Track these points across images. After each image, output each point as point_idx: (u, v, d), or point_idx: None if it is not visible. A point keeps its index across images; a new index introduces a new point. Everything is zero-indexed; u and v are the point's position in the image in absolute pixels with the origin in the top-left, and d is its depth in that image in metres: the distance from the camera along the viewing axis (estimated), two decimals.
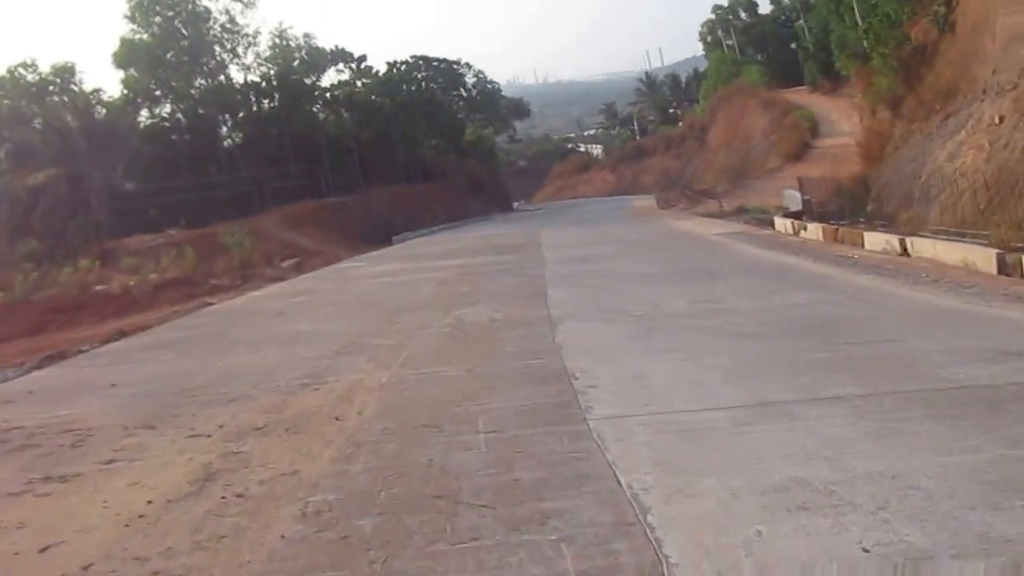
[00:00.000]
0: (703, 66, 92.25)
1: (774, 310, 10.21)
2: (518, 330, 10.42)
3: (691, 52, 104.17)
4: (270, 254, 33.18)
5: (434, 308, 12.98)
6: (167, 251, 30.57)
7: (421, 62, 62.53)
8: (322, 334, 11.52)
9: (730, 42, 74.44)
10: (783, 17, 74.01)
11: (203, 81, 42.77)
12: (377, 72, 55.02)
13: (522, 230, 33.24)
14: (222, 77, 43.32)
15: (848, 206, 30.91)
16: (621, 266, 16.68)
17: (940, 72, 26.55)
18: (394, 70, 59.26)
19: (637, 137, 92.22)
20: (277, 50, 44.44)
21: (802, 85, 63.97)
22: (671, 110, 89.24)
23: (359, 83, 53.26)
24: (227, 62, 42.94)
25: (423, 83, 59.66)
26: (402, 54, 60.77)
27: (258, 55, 43.78)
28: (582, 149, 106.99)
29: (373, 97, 53.86)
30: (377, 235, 41.04)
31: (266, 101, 45.95)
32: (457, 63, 64.17)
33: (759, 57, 72.70)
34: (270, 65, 44.60)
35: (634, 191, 79.71)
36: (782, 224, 24.60)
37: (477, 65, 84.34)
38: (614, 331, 9.73)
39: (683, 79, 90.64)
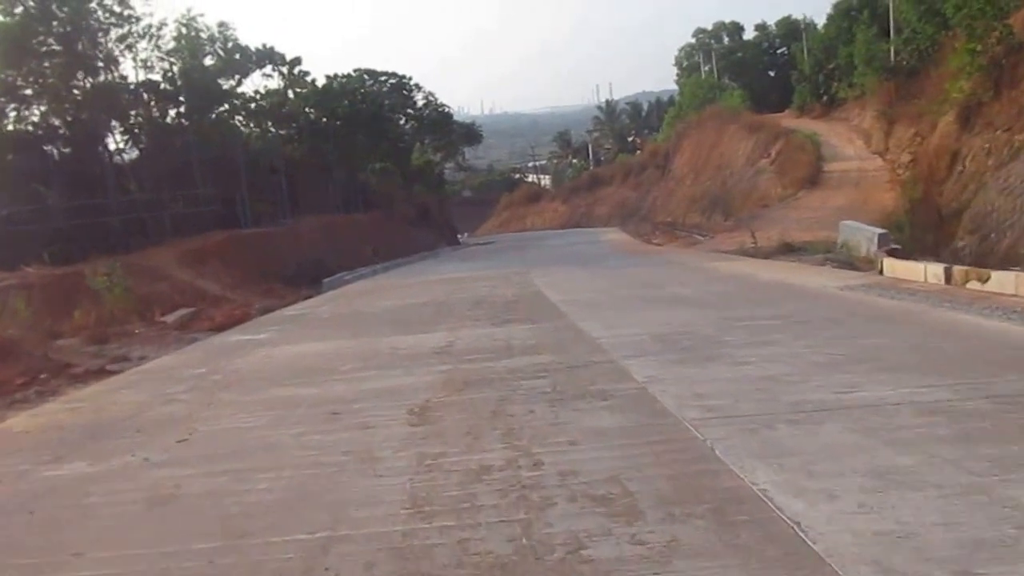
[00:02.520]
0: (654, 101, 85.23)
1: None
2: None
3: (641, 87, 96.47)
4: (156, 300, 23.59)
5: None
6: (16, 296, 20.97)
7: (366, 76, 52.97)
8: None
9: (707, 68, 66.85)
10: (766, 43, 67.79)
11: (87, 79, 32.65)
12: (314, 81, 45.28)
13: (498, 273, 23.87)
14: (112, 75, 33.22)
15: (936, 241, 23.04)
16: (825, 380, 7.30)
17: None
18: (334, 83, 49.62)
19: (591, 167, 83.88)
20: (183, 41, 34.36)
21: (782, 111, 57.31)
22: (630, 139, 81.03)
23: (291, 92, 43.40)
24: (117, 54, 32.84)
25: (367, 98, 50.04)
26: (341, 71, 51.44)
27: (159, 47, 33.64)
28: (530, 179, 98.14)
29: (307, 109, 44.13)
30: (304, 275, 31.46)
31: (171, 108, 35.91)
32: (407, 79, 54.81)
33: (735, 84, 65.62)
34: (173, 60, 34.50)
35: (589, 223, 71.29)
36: (901, 269, 15.71)
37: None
38: None
39: (644, 108, 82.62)
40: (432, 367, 9.27)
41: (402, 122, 56.40)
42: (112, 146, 34.10)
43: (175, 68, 34.31)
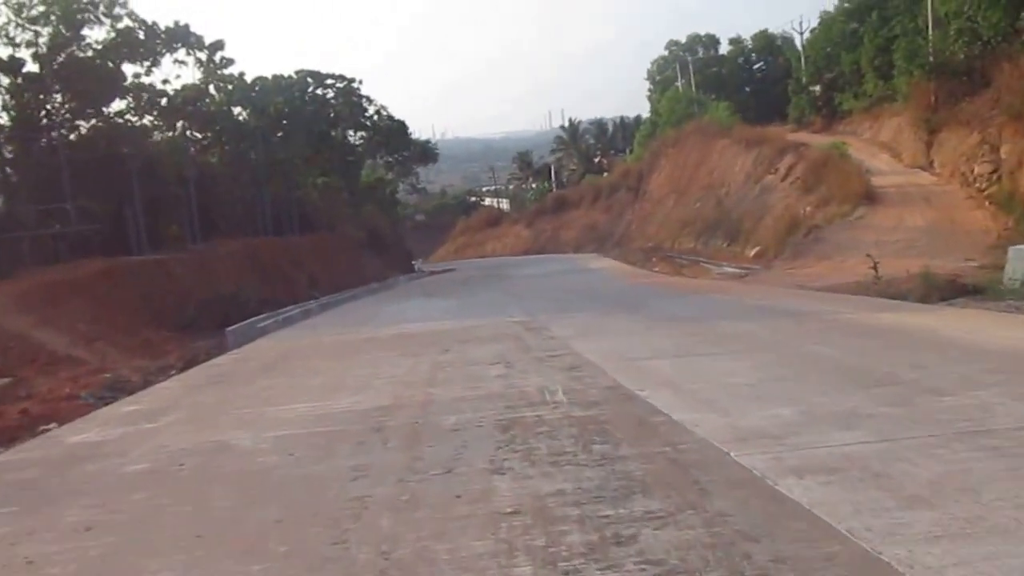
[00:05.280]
0: (618, 121, 76.83)
1: None
2: None
3: (595, 114, 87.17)
4: None
5: None
6: None
7: (310, 78, 43.14)
8: None
9: (683, 81, 58.40)
10: (741, 58, 59.86)
11: None
12: (242, 75, 35.29)
13: (493, 324, 14.43)
14: None
15: None
16: None
17: None
18: (268, 81, 39.72)
19: (554, 189, 74.85)
20: (55, 6, 24.34)
21: (768, 125, 48.86)
22: (596, 159, 72.29)
23: (212, 88, 33.42)
24: None
25: (308, 101, 40.33)
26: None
27: (20, 13, 23.46)
28: (487, 203, 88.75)
29: (234, 109, 34.27)
30: (211, 316, 22.09)
31: (45, 97, 25.86)
32: (356, 84, 44.99)
33: (714, 98, 57.37)
34: (39, 30, 24.44)
35: (555, 248, 62.25)
36: None
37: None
38: None
39: (609, 128, 73.92)
40: None
41: (351, 134, 46.74)
42: None
43: (41, 41, 24.22)
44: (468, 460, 5.54)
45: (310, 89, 42.00)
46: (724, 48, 63.41)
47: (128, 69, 28.33)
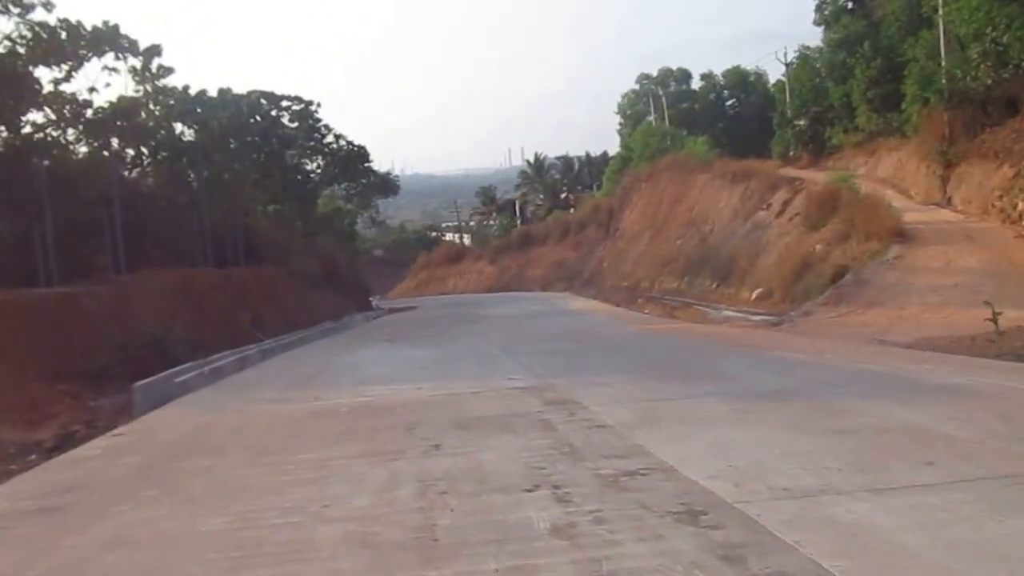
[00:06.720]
0: (575, 163, 73.37)
1: None
2: None
3: (555, 152, 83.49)
4: None
5: None
6: None
7: (263, 99, 38.63)
8: None
9: (656, 115, 55.14)
10: (713, 95, 57.01)
11: None
12: (186, 88, 30.72)
13: (490, 389, 10.26)
14: None
15: None
16: None
17: None
18: (215, 96, 35.13)
19: (519, 224, 70.91)
20: None
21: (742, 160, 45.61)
22: (563, 195, 68.66)
23: (152, 101, 28.76)
24: None
25: (260, 119, 35.83)
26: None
27: None
28: (448, 238, 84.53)
29: (175, 125, 29.66)
30: (130, 364, 17.41)
31: None
32: (314, 107, 40.57)
33: (685, 134, 54.13)
34: None
35: (520, 286, 58.32)
36: None
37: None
38: None
39: (576, 164, 70.38)
40: None
41: (307, 161, 42.25)
42: None
43: None
44: None
45: (262, 110, 37.53)
46: (696, 83, 60.65)
47: (46, 75, 23.75)
